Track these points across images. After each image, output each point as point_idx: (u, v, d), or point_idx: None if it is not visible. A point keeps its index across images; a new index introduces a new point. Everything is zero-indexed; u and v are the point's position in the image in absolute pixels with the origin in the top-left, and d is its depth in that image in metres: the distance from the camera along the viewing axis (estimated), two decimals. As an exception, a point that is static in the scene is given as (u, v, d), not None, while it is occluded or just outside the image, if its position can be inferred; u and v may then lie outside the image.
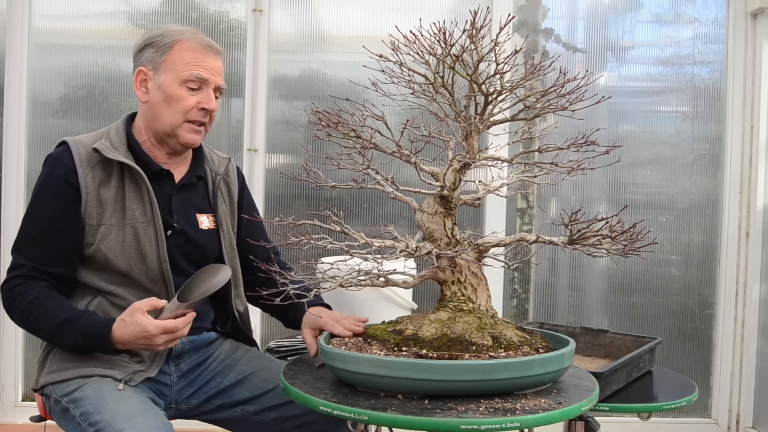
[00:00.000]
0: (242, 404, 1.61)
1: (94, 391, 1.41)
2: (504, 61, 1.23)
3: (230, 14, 2.89)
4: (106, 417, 1.34)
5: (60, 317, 1.43)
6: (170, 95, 1.51)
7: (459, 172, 1.32)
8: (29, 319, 1.45)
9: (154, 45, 1.54)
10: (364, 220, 2.84)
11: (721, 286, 2.92)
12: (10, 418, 2.86)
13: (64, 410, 1.44)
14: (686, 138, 2.96)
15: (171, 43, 1.52)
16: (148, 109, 1.55)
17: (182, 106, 1.52)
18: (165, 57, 1.52)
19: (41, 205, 1.49)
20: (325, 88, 2.87)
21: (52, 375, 1.47)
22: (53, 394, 1.46)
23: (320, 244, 1.28)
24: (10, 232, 2.84)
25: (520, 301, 2.96)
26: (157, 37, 1.54)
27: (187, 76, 1.51)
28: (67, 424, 1.45)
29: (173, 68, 1.51)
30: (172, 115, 1.52)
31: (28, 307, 1.45)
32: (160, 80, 1.52)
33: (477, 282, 1.32)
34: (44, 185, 1.50)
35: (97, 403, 1.38)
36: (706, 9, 2.93)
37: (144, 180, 1.51)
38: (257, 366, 1.66)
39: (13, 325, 2.81)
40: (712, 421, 2.93)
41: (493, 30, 1.22)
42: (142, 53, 1.55)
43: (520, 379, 1.15)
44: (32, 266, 1.47)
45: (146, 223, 1.51)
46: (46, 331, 1.45)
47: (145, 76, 1.54)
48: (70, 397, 1.43)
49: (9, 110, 2.83)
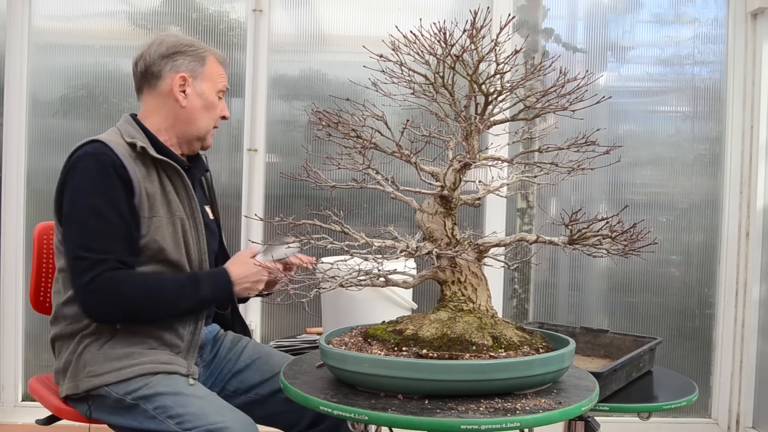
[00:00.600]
0: (254, 388, 1.70)
1: (167, 386, 1.47)
2: (504, 61, 1.23)
3: (230, 14, 2.89)
4: (192, 410, 1.41)
5: (180, 280, 1.53)
6: (210, 103, 1.64)
7: (459, 172, 1.32)
8: (148, 294, 1.49)
9: (188, 54, 1.62)
10: (364, 220, 2.84)
11: (721, 286, 2.92)
12: (10, 418, 2.86)
13: (129, 407, 1.47)
14: (686, 138, 2.96)
15: (204, 54, 1.64)
16: (184, 113, 1.63)
17: (217, 113, 1.67)
18: (204, 68, 1.63)
19: (102, 200, 1.48)
20: (325, 88, 2.87)
21: (104, 377, 1.48)
22: (111, 394, 1.48)
23: (320, 244, 1.28)
24: (10, 232, 2.85)
25: (520, 301, 2.96)
26: (186, 46, 1.62)
27: (221, 87, 1.66)
28: (128, 420, 1.48)
29: (211, 79, 1.64)
30: (208, 121, 1.65)
31: (140, 285, 1.49)
32: (201, 88, 1.63)
33: (477, 282, 1.32)
34: (99, 180, 1.49)
35: (176, 398, 1.44)
36: (706, 9, 2.93)
37: (182, 177, 1.59)
38: (261, 351, 1.76)
39: (13, 325, 2.84)
40: (712, 421, 2.93)
41: (493, 30, 1.22)
42: (174, 59, 1.61)
43: (520, 379, 1.15)
44: (117, 259, 1.47)
45: (187, 216, 1.59)
46: (170, 299, 1.51)
47: (185, 82, 1.62)
48: (137, 394, 1.46)
49: (9, 110, 2.83)
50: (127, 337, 1.52)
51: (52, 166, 2.88)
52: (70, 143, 2.82)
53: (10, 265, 2.85)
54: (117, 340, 1.52)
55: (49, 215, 2.65)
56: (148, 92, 1.64)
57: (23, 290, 2.86)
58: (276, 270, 1.49)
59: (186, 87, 1.61)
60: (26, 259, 2.87)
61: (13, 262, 2.85)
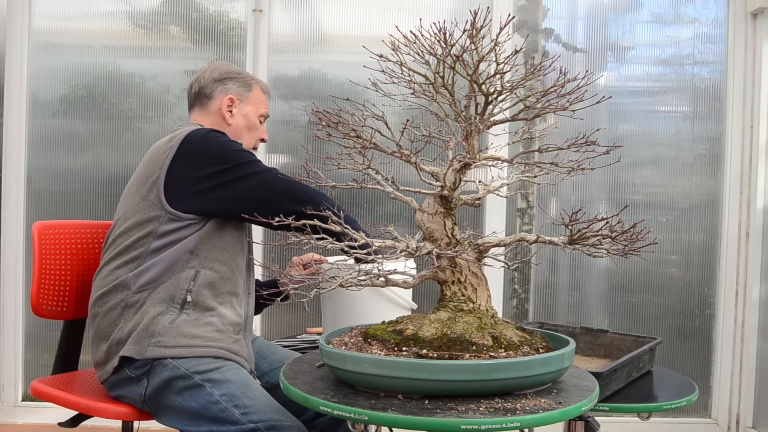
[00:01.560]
0: (264, 376, 1.79)
1: (238, 376, 1.54)
2: (504, 61, 1.23)
3: (230, 14, 2.89)
4: (258, 404, 1.49)
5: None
6: (253, 124, 1.85)
7: (459, 172, 1.32)
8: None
9: (236, 80, 1.82)
10: (364, 220, 2.84)
11: (721, 286, 2.92)
12: (10, 418, 2.86)
13: (194, 386, 1.51)
14: (686, 138, 2.96)
15: (251, 83, 1.84)
16: (230, 131, 1.80)
17: (258, 134, 1.87)
18: (250, 93, 1.84)
19: (262, 165, 1.64)
20: (325, 88, 2.87)
21: (177, 350, 1.54)
22: (179, 368, 1.52)
23: (320, 244, 1.28)
24: (10, 232, 2.85)
25: (520, 301, 2.96)
26: (237, 74, 1.83)
27: (263, 112, 1.87)
28: (190, 400, 1.51)
29: (255, 103, 1.84)
30: (250, 139, 1.85)
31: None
32: (246, 110, 1.83)
33: (477, 282, 1.32)
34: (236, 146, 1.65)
35: (244, 388, 1.51)
36: (706, 9, 2.93)
37: None
38: (268, 344, 1.90)
39: (14, 325, 2.85)
40: (712, 421, 2.93)
41: (493, 30, 1.22)
42: (225, 83, 1.81)
43: (520, 379, 1.15)
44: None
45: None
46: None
47: (232, 103, 1.81)
48: (208, 375, 1.52)
49: (9, 110, 2.83)
50: (195, 315, 1.59)
51: (52, 166, 2.88)
52: (70, 143, 2.86)
53: (10, 265, 2.85)
54: (185, 319, 1.57)
55: (50, 215, 2.64)
56: (199, 110, 1.83)
57: (23, 290, 2.86)
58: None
59: (233, 108, 1.81)
60: (26, 259, 2.87)
61: (13, 262, 2.85)
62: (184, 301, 1.59)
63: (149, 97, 2.89)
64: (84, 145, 2.88)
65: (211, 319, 1.60)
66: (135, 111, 2.89)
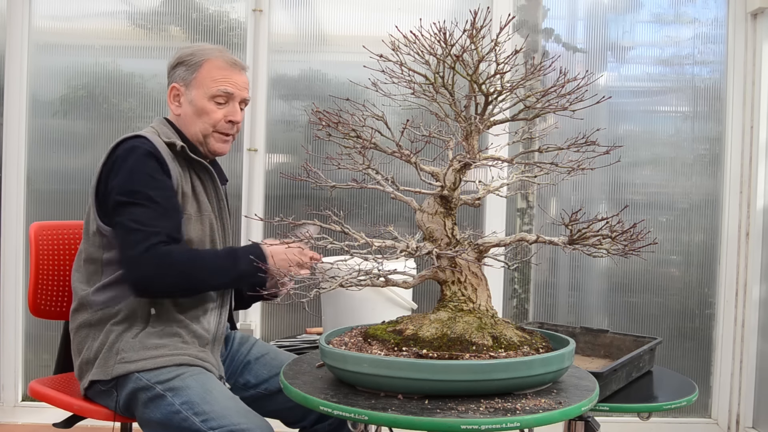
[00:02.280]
0: (264, 383, 1.73)
1: (198, 381, 1.48)
2: (504, 61, 1.23)
3: (230, 14, 2.89)
4: (217, 409, 1.42)
5: (219, 253, 1.59)
6: (200, 109, 1.67)
7: (459, 172, 1.32)
8: (195, 263, 1.52)
9: (185, 63, 1.69)
10: (364, 220, 2.84)
11: (721, 286, 2.92)
12: (10, 418, 2.86)
13: (155, 397, 1.48)
14: (686, 138, 2.96)
15: (200, 61, 1.67)
16: (181, 120, 1.70)
17: (211, 118, 1.67)
18: (195, 75, 1.67)
19: (153, 188, 1.53)
20: (325, 88, 2.87)
21: (139, 363, 1.51)
22: (141, 380, 1.49)
23: (320, 244, 1.28)
24: (10, 232, 2.85)
25: (520, 301, 2.96)
26: (188, 56, 1.69)
27: (214, 92, 1.66)
28: (153, 412, 1.48)
29: (203, 85, 1.67)
30: (202, 125, 1.68)
31: (188, 253, 1.55)
32: (191, 96, 1.68)
33: (477, 282, 1.32)
34: (147, 170, 1.54)
35: (204, 394, 1.45)
36: (706, 9, 2.93)
37: (213, 178, 1.69)
38: (268, 349, 1.82)
39: (14, 325, 2.85)
40: (712, 421, 2.93)
41: (493, 30, 1.22)
42: (175, 71, 1.70)
43: (520, 379, 1.15)
44: (167, 233, 1.52)
45: (215, 216, 1.68)
46: (217, 263, 1.54)
47: (178, 91, 1.70)
48: (168, 384, 1.48)
49: (9, 110, 2.83)
50: (160, 327, 1.56)
51: (52, 166, 2.88)
52: (70, 143, 2.86)
53: (10, 265, 2.85)
54: (150, 331, 1.55)
55: (50, 215, 2.64)
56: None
57: (23, 290, 2.86)
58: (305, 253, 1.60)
59: (180, 96, 1.69)
60: (26, 259, 2.87)
61: (13, 262, 2.85)
62: (148, 315, 1.56)
63: (149, 97, 2.89)
64: (84, 145, 2.88)
65: (178, 329, 1.57)
66: (135, 111, 2.89)
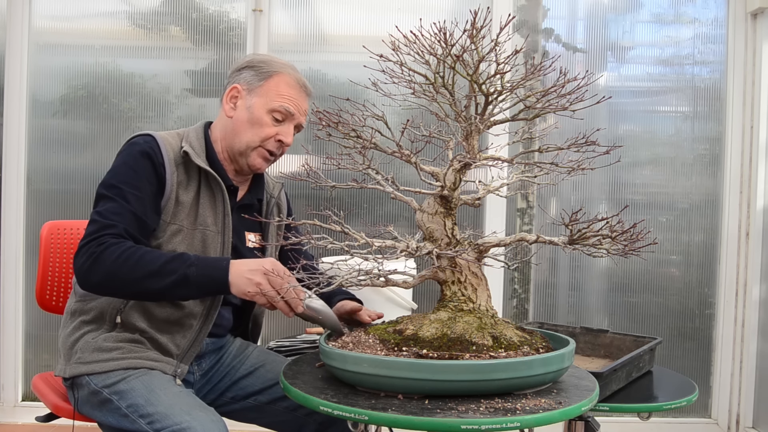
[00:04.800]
0: (254, 395, 1.67)
1: (142, 383, 1.43)
2: (504, 61, 1.23)
3: (230, 14, 2.89)
4: (161, 409, 1.36)
5: (169, 254, 1.41)
6: (257, 118, 1.58)
7: (459, 172, 1.32)
8: (129, 260, 1.38)
9: (255, 68, 1.60)
10: (364, 220, 2.84)
11: (721, 286, 2.92)
12: (10, 418, 2.86)
13: (103, 402, 1.44)
14: (686, 138, 2.96)
15: (272, 72, 1.59)
16: (231, 124, 1.60)
17: (263, 131, 1.59)
18: (263, 83, 1.59)
19: (132, 187, 1.47)
20: (325, 88, 2.87)
21: (90, 365, 1.47)
22: (90, 384, 1.46)
23: (320, 244, 1.28)
24: (10, 232, 2.85)
25: (520, 301, 2.96)
26: (260, 63, 1.61)
27: (276, 107, 1.58)
28: (106, 416, 1.45)
29: (267, 95, 1.58)
30: (251, 136, 1.58)
31: (127, 251, 1.39)
32: (251, 102, 1.59)
33: (477, 282, 1.32)
34: (136, 169, 1.49)
35: (148, 395, 1.40)
36: (706, 9, 2.93)
37: (222, 191, 1.57)
38: (266, 359, 1.72)
39: (14, 325, 2.84)
40: (712, 421, 2.93)
41: (493, 30, 1.22)
42: (241, 72, 1.61)
43: (520, 379, 1.15)
44: (124, 228, 1.43)
45: (215, 232, 1.56)
46: (152, 268, 1.38)
47: (238, 93, 1.60)
48: (114, 388, 1.44)
49: (9, 110, 2.83)
50: (124, 333, 1.50)
51: (52, 166, 2.88)
52: (70, 143, 2.86)
53: (10, 265, 2.85)
54: (109, 335, 1.50)
55: (50, 215, 2.64)
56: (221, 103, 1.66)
57: (23, 290, 2.86)
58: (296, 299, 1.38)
59: (238, 99, 1.60)
60: (26, 259, 2.87)
61: (13, 262, 2.85)
62: (113, 322, 1.51)
63: (149, 97, 2.89)
64: (84, 145, 2.88)
65: (141, 338, 1.51)
66: (135, 111, 2.89)
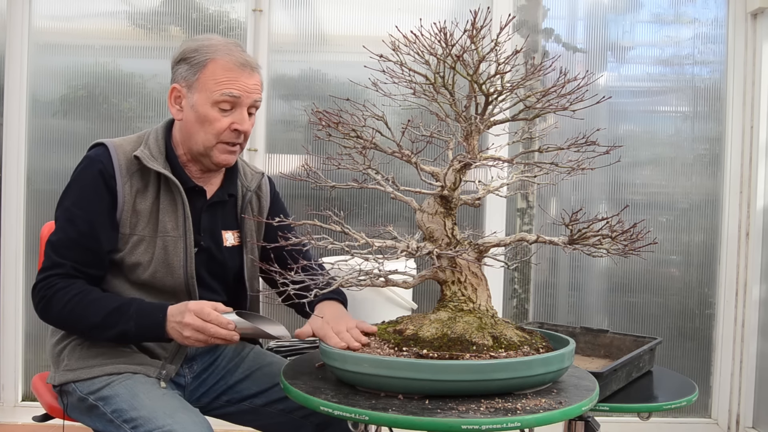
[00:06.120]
0: (250, 398, 1.64)
1: (126, 388, 1.42)
2: (504, 61, 1.23)
3: (230, 14, 2.89)
4: (144, 413, 1.35)
5: (110, 306, 1.41)
6: (203, 116, 1.48)
7: (459, 172, 1.32)
8: (75, 310, 1.41)
9: (188, 61, 1.50)
10: (364, 220, 2.84)
11: (721, 286, 2.92)
12: (10, 418, 2.86)
13: (90, 408, 1.44)
14: (686, 138, 2.96)
15: (204, 61, 1.48)
16: (183, 126, 1.53)
17: (215, 127, 1.49)
18: (198, 76, 1.48)
19: (80, 208, 1.46)
20: (325, 88, 2.87)
21: (76, 372, 1.47)
22: (76, 391, 1.47)
23: (320, 244, 1.28)
24: (10, 232, 2.84)
25: (520, 301, 2.96)
26: (191, 52, 1.50)
27: (218, 98, 1.47)
28: (94, 422, 1.45)
29: (206, 88, 1.48)
30: (204, 135, 1.50)
31: (72, 299, 1.41)
32: (194, 100, 1.49)
33: (477, 282, 1.32)
34: (83, 187, 1.48)
35: (132, 400, 1.39)
36: (706, 9, 2.93)
37: (181, 194, 1.51)
38: (263, 362, 1.69)
39: (14, 325, 2.84)
40: (712, 421, 2.93)
41: (493, 30, 1.22)
42: (178, 68, 1.52)
43: (520, 379, 1.15)
44: (72, 266, 1.44)
45: (176, 237, 1.52)
46: (95, 321, 1.40)
47: (180, 93, 1.51)
48: (98, 394, 1.43)
49: (9, 110, 2.83)
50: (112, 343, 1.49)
51: (52, 166, 2.88)
52: (70, 143, 2.86)
53: (10, 265, 2.85)
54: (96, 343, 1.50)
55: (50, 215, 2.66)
56: None
57: (23, 290, 2.86)
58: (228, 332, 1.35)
59: (181, 99, 1.52)
60: (26, 259, 2.87)
61: (13, 262, 2.85)
62: None
63: (149, 97, 2.89)
64: (84, 145, 2.86)
65: (125, 348, 1.50)
66: (135, 111, 2.89)
